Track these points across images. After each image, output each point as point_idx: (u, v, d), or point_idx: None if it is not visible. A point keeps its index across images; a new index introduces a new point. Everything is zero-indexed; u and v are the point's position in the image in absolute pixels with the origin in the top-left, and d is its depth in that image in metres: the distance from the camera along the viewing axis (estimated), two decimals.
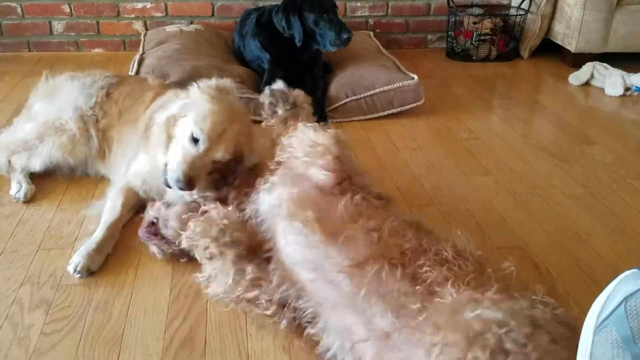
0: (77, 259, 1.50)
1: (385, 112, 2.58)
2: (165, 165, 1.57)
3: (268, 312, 1.29)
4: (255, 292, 1.30)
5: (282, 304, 1.28)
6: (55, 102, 1.95)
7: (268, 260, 1.35)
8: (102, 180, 1.97)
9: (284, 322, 1.28)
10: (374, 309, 1.10)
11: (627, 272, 0.74)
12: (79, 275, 1.48)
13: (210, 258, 1.36)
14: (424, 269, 1.13)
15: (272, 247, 1.36)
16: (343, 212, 1.28)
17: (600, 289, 0.83)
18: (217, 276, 1.35)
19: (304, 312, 1.24)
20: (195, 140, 1.52)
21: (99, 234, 1.59)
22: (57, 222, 1.74)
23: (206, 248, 1.36)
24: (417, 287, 1.10)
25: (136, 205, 1.75)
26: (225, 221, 1.39)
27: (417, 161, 2.19)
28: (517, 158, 2.23)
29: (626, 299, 0.71)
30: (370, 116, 2.57)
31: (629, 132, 2.50)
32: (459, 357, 0.90)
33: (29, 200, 1.84)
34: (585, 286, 1.51)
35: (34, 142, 1.89)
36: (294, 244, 1.28)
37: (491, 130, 2.50)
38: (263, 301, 1.29)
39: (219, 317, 1.38)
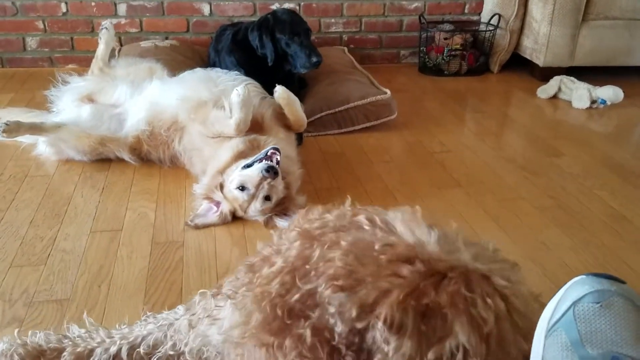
0: None
1: (360, 126, 2.63)
2: None
3: None
4: None
5: None
6: None
7: None
8: (74, 199, 1.97)
9: None
10: None
11: (576, 278, 0.78)
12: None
13: None
14: None
15: None
16: None
17: None
18: None
19: None
20: None
21: None
22: (29, 238, 1.73)
23: None
24: None
25: None
26: None
27: (390, 174, 2.22)
28: (487, 170, 2.29)
29: (574, 303, 0.75)
30: (345, 130, 2.61)
31: (595, 144, 2.57)
32: None
33: None
34: (551, 294, 1.53)
35: None
36: None
37: (462, 143, 2.55)
38: None
39: None
